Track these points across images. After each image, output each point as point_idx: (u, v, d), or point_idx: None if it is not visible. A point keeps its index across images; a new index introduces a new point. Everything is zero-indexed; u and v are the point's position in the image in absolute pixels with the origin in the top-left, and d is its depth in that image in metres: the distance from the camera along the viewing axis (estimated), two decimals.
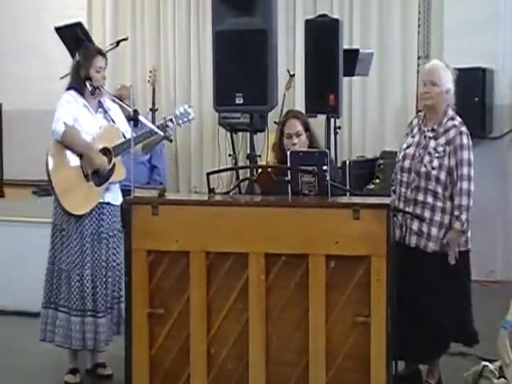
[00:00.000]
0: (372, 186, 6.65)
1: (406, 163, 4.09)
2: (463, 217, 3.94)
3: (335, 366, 3.40)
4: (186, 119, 4.46)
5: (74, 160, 4.24)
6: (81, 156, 4.24)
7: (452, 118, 4.06)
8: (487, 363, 3.95)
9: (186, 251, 3.53)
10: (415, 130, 4.17)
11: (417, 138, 4.11)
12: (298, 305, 3.43)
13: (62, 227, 4.26)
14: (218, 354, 3.53)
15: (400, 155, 4.16)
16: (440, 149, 4.00)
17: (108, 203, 4.30)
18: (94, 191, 4.25)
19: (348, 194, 4.32)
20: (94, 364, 4.49)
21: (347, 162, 6.55)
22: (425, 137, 4.08)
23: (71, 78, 4.39)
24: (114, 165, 4.28)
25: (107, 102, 4.44)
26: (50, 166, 4.20)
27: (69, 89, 4.35)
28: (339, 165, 6.32)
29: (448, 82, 4.06)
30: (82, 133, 4.24)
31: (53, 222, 4.34)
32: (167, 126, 4.34)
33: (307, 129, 4.27)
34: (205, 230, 3.51)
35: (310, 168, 3.68)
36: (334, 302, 3.40)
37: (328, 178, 3.65)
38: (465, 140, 3.99)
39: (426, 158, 4.01)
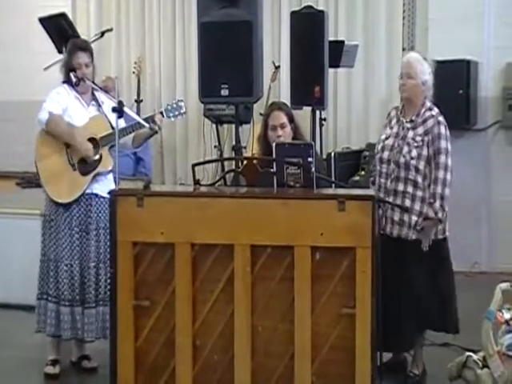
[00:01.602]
0: (357, 178, 6.66)
1: (385, 154, 4.13)
2: (436, 205, 3.99)
3: (320, 358, 3.41)
4: (177, 113, 4.45)
5: (60, 149, 4.26)
6: (67, 145, 4.25)
7: (430, 109, 4.12)
8: (471, 354, 3.97)
9: (172, 243, 3.52)
10: (393, 121, 4.22)
11: (395, 129, 4.16)
12: (283, 296, 3.44)
13: (51, 218, 4.29)
14: (204, 345, 3.53)
15: (379, 146, 4.20)
16: (418, 139, 4.05)
17: (96, 195, 4.30)
18: (79, 180, 4.26)
19: (333, 185, 4.33)
20: (79, 356, 4.49)
21: (332, 154, 6.56)
22: (403, 128, 4.12)
23: (63, 74, 4.40)
24: (101, 155, 4.27)
25: (101, 97, 4.43)
26: (37, 155, 4.26)
27: (63, 83, 4.38)
28: (324, 156, 6.33)
29: (424, 74, 4.11)
30: (68, 121, 4.25)
31: (43, 212, 4.38)
32: (154, 120, 4.31)
33: (291, 120, 4.28)
34: (190, 221, 3.51)
35: (295, 160, 3.68)
36: (320, 293, 3.40)
37: (313, 169, 3.66)
38: (442, 129, 4.05)
39: (405, 149, 4.05)
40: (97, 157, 4.27)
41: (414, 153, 4.02)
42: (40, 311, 4.33)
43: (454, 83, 6.42)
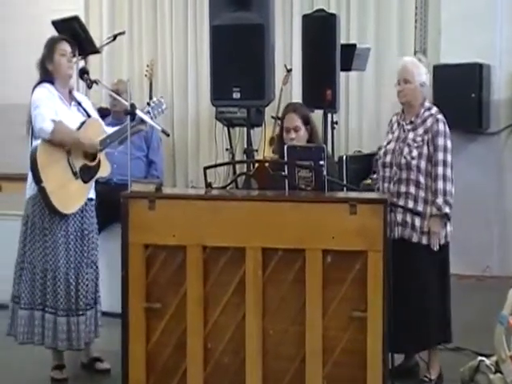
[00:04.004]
0: (369, 181, 6.65)
1: (388, 158, 4.15)
2: (439, 201, 3.98)
3: (332, 361, 3.41)
4: (159, 109, 4.42)
5: (62, 158, 4.14)
6: (69, 152, 4.16)
7: (429, 109, 4.15)
8: (483, 358, 3.95)
9: (183, 245, 3.53)
10: (395, 126, 4.25)
11: (396, 134, 4.19)
12: (294, 299, 3.43)
13: (44, 226, 4.15)
14: (215, 348, 3.53)
15: (381, 152, 4.21)
16: (418, 139, 4.07)
17: (91, 199, 4.29)
18: (82, 189, 4.21)
19: (345, 188, 4.33)
20: (91, 358, 4.49)
21: (344, 157, 6.55)
22: (404, 130, 4.15)
23: (40, 72, 4.28)
24: (99, 160, 4.23)
25: (77, 95, 4.38)
26: (39, 165, 4.08)
27: (40, 83, 4.24)
28: (336, 160, 6.33)
29: (421, 76, 4.15)
30: (68, 126, 4.15)
31: (30, 220, 4.21)
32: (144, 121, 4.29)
33: (307, 122, 4.24)
34: (202, 224, 3.51)
35: (306, 163, 3.68)
36: (331, 296, 3.40)
37: (325, 172, 3.66)
38: (441, 127, 4.06)
39: (406, 150, 4.08)
40: (95, 162, 4.22)
41: (415, 153, 4.04)
42: (36, 323, 4.18)
43: (467, 87, 6.40)
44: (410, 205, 4.04)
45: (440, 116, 4.10)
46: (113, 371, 4.33)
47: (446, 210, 3.99)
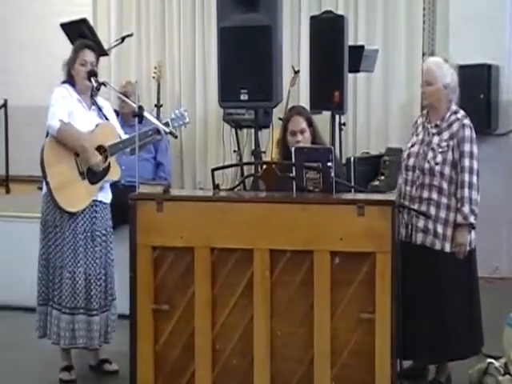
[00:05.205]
0: (377, 183, 6.64)
1: (411, 161, 4.07)
2: (465, 209, 3.90)
3: (340, 363, 3.40)
4: (181, 122, 4.43)
5: (69, 157, 4.18)
6: (77, 153, 4.19)
7: (455, 112, 4.05)
8: (492, 360, 3.95)
9: (191, 247, 3.54)
10: (420, 128, 4.16)
11: (421, 136, 4.10)
12: (302, 301, 3.43)
13: (55, 224, 4.22)
14: (223, 349, 3.53)
15: (405, 154, 4.15)
16: (443, 144, 3.98)
17: (101, 201, 4.29)
18: (88, 189, 4.22)
19: (353, 190, 4.32)
20: (100, 360, 4.49)
21: (352, 159, 6.54)
22: (428, 134, 4.06)
23: (65, 73, 4.34)
24: (109, 164, 4.25)
25: (99, 100, 4.40)
26: (46, 162, 4.15)
27: (63, 83, 4.32)
28: (344, 161, 6.32)
29: (445, 78, 4.03)
30: (77, 129, 4.18)
31: (43, 218, 4.28)
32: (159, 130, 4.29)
33: (310, 124, 4.26)
34: (209, 226, 3.51)
35: (314, 164, 3.68)
36: (339, 298, 3.40)
37: (333, 174, 3.65)
38: (467, 132, 3.98)
39: (430, 154, 3.99)
40: (105, 165, 4.24)
41: (439, 158, 3.95)
42: (43, 318, 4.28)
43: (475, 88, 6.38)
44: (433, 211, 3.95)
45: (466, 121, 4.00)
46: (121, 372, 4.33)
47: (472, 219, 3.91)
